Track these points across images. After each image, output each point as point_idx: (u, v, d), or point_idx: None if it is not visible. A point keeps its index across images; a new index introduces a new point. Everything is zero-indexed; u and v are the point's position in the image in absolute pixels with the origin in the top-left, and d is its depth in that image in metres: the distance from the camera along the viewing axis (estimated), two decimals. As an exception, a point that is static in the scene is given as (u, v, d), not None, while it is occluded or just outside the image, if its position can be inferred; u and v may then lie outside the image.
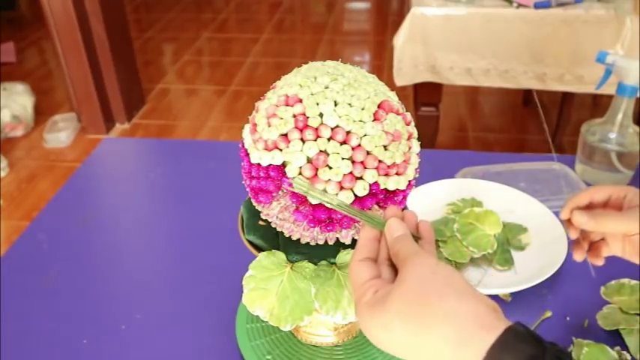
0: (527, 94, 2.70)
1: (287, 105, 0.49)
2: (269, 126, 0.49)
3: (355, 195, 0.48)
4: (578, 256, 0.61)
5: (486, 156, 1.11)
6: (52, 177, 2.38)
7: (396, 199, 0.51)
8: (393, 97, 0.52)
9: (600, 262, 0.60)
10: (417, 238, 0.45)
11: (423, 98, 1.92)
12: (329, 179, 0.47)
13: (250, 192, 0.53)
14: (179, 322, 0.74)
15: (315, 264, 0.56)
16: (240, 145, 0.54)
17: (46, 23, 2.46)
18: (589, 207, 0.59)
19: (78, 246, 0.88)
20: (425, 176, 0.73)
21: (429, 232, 0.46)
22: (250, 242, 0.58)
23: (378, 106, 0.49)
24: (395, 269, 0.43)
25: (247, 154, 0.52)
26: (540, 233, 0.83)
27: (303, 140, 0.48)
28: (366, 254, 0.45)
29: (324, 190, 0.47)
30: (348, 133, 0.48)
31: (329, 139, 0.48)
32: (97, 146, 1.16)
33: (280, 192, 0.50)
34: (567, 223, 0.60)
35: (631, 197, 0.57)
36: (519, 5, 1.67)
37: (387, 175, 0.49)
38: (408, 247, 0.43)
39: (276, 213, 0.52)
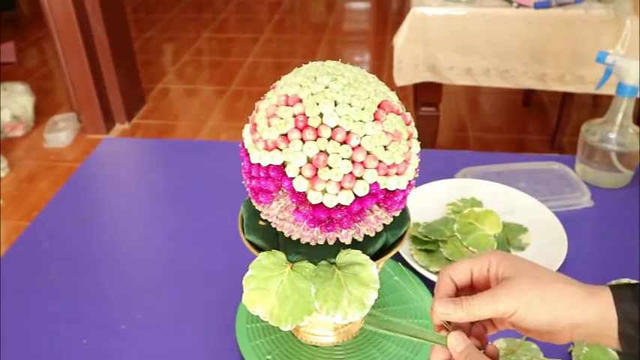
0: (527, 94, 2.70)
1: (287, 105, 0.49)
2: (269, 126, 0.49)
3: (355, 195, 0.48)
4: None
5: (486, 156, 1.11)
6: (52, 177, 2.38)
7: (396, 199, 0.51)
8: (393, 97, 0.52)
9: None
10: (480, 348, 0.48)
11: (423, 98, 1.92)
12: (329, 179, 0.47)
13: (250, 192, 0.53)
14: (179, 322, 0.74)
15: (315, 264, 0.56)
16: (240, 145, 0.54)
17: (46, 23, 2.46)
18: (458, 294, 0.49)
19: (78, 246, 0.88)
20: (425, 176, 0.73)
21: (494, 349, 0.48)
22: (250, 242, 0.58)
23: (378, 106, 0.49)
24: None
25: (247, 154, 0.52)
26: (540, 233, 0.83)
27: (303, 140, 0.48)
28: None
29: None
30: (348, 133, 0.48)
31: (329, 139, 0.48)
32: (97, 146, 1.16)
33: (280, 192, 0.50)
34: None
35: (495, 267, 0.48)
36: (519, 5, 1.67)
37: (387, 175, 0.49)
38: (473, 357, 0.45)
39: (276, 213, 0.52)
